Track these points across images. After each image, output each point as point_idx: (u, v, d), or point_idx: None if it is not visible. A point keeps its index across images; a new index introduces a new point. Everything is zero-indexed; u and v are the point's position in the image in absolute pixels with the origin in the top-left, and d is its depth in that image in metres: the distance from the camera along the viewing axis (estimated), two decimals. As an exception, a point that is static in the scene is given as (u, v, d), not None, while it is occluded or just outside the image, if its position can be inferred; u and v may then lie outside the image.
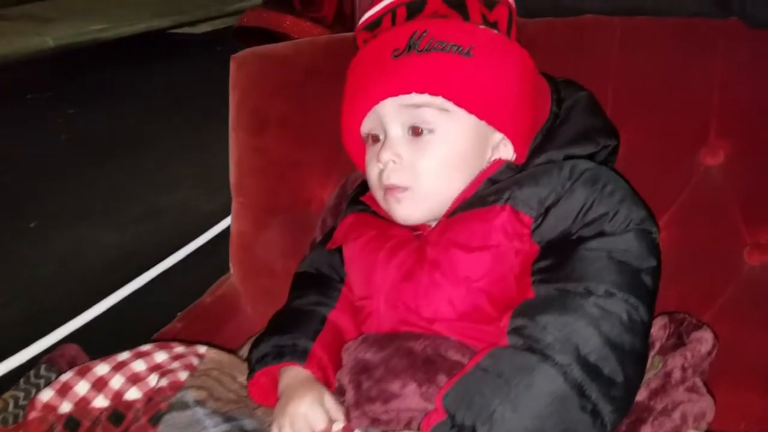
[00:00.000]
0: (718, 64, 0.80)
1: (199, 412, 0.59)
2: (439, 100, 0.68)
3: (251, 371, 0.68)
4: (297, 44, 1.05)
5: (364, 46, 0.75)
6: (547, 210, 0.66)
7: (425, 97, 0.67)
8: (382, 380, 0.62)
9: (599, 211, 0.64)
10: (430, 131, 0.69)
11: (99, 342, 0.72)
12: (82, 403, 0.63)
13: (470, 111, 0.69)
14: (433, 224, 0.72)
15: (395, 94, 0.68)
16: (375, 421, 0.61)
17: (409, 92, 0.68)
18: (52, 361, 0.73)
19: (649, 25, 0.83)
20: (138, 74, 3.63)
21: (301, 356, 0.67)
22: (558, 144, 0.72)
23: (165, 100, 3.20)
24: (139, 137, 2.68)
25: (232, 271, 1.02)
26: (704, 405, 0.64)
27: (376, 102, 0.69)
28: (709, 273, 0.81)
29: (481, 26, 0.72)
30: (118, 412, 0.62)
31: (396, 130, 0.69)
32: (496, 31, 0.73)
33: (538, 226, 0.66)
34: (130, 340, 0.71)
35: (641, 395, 0.63)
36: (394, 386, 0.62)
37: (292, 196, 0.98)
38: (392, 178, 0.70)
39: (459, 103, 0.68)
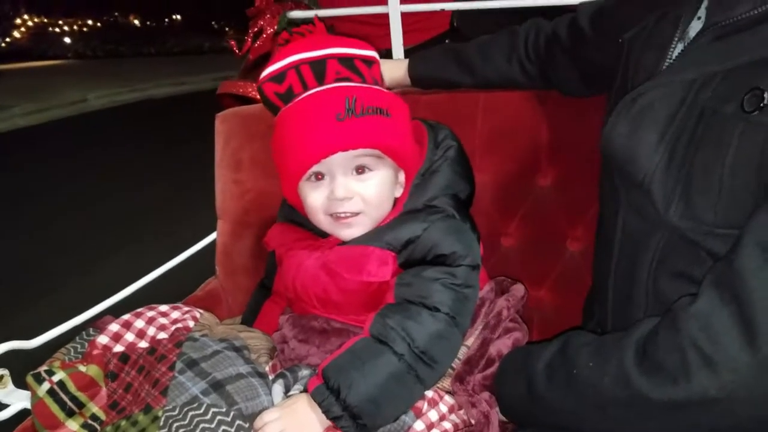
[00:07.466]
0: (545, 119, 1.13)
1: (205, 339, 0.92)
2: (376, 151, 0.88)
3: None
4: (262, 106, 1.37)
5: (296, 103, 0.88)
6: (408, 244, 0.89)
7: (367, 150, 0.87)
8: (295, 349, 0.94)
9: (443, 251, 0.87)
10: (370, 170, 0.90)
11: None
12: (131, 346, 0.93)
13: (392, 157, 0.90)
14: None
15: (345, 149, 0.86)
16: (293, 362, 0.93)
17: (356, 148, 0.86)
18: (97, 326, 1.04)
19: (501, 95, 1.15)
20: None
21: None
22: (428, 193, 0.94)
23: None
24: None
25: (217, 272, 1.33)
26: (525, 332, 0.99)
27: (328, 155, 0.86)
28: (544, 257, 1.16)
29: (383, 89, 0.91)
30: (153, 347, 0.92)
31: (345, 173, 0.88)
32: (387, 90, 0.92)
33: (401, 255, 0.89)
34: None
35: (485, 328, 0.95)
36: (303, 351, 0.93)
37: (260, 214, 1.27)
38: (345, 207, 0.89)
39: (386, 153, 0.89)
